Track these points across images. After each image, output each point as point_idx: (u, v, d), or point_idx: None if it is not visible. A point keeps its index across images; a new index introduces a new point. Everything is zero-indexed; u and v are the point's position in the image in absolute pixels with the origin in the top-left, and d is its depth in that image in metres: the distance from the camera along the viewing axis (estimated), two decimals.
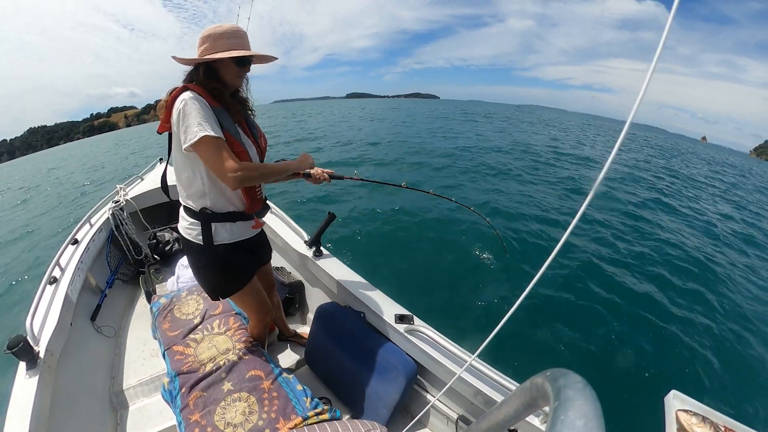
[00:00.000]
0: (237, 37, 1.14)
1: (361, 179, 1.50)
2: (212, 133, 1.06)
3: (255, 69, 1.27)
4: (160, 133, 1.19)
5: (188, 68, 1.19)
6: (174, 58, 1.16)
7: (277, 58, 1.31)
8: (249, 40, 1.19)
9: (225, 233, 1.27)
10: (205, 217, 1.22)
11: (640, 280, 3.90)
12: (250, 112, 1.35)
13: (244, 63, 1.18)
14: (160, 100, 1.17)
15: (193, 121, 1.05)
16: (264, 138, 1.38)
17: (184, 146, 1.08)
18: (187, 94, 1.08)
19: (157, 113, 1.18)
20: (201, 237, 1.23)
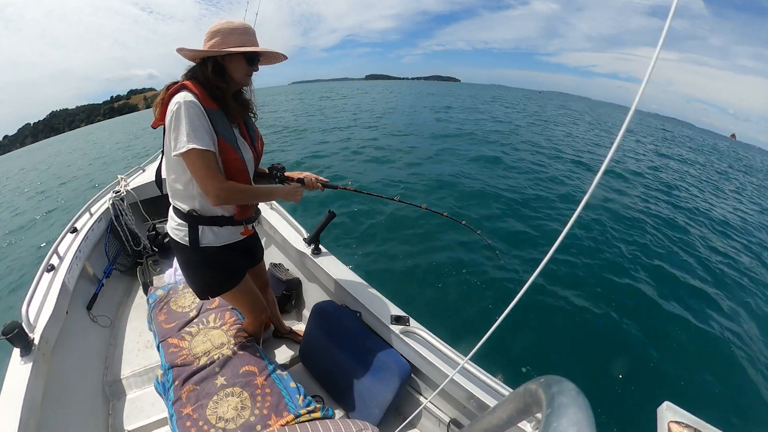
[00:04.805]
0: (248, 35, 1.11)
1: (355, 190, 1.51)
2: (201, 147, 1.03)
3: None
4: (155, 128, 1.15)
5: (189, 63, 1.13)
6: (180, 50, 1.10)
7: (287, 58, 1.27)
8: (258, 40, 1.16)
9: (211, 236, 1.25)
10: (192, 220, 1.20)
11: (638, 285, 3.87)
12: (251, 115, 1.32)
13: (254, 61, 1.15)
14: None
15: (184, 129, 1.02)
16: (261, 141, 1.36)
17: (173, 153, 1.06)
18: (182, 96, 1.03)
19: (153, 108, 1.14)
20: (187, 238, 1.22)
